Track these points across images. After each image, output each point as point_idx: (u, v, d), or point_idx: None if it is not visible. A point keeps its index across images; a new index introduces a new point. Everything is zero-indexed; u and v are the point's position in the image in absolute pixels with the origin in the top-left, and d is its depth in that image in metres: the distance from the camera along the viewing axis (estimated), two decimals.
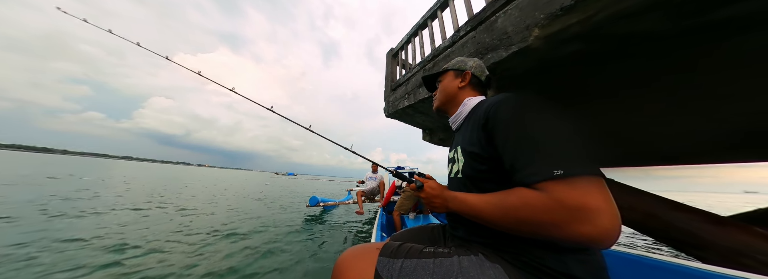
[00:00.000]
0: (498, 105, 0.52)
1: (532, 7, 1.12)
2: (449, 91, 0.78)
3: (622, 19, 0.89)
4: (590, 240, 0.36)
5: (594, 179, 0.39)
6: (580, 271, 0.45)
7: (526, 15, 1.15)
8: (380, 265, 0.55)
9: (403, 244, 0.60)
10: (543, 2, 1.07)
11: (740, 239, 1.07)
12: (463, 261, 0.52)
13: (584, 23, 0.96)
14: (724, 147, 1.93)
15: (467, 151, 0.59)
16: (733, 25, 0.87)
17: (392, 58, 2.86)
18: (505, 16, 1.28)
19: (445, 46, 1.79)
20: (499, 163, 0.50)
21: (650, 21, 0.89)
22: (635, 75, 1.24)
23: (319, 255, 2.43)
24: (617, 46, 1.06)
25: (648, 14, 0.85)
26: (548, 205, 0.38)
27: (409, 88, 2.27)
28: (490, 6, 1.40)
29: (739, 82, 1.15)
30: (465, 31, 1.59)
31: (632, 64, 1.16)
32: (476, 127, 0.57)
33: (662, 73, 1.20)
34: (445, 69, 0.83)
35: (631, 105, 1.54)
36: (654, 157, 2.55)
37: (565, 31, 1.03)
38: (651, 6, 0.82)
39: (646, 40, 0.98)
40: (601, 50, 1.10)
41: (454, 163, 0.65)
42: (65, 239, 2.34)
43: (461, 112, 0.72)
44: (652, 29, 0.92)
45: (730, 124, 1.52)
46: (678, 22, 0.88)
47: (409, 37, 2.51)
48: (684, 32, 0.92)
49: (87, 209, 3.74)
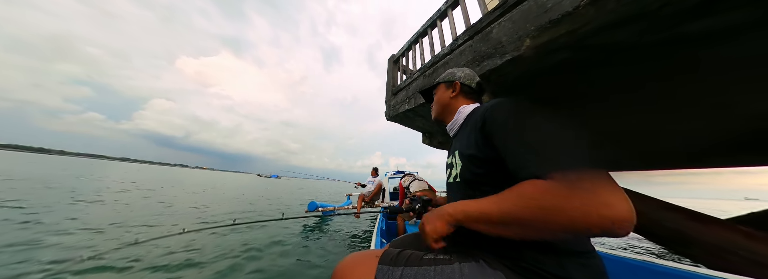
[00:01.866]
0: (495, 108, 0.54)
1: (523, 20, 1.21)
2: (443, 102, 0.83)
3: (602, 31, 0.99)
4: (613, 223, 0.34)
5: (600, 171, 0.40)
6: (580, 275, 0.46)
7: (518, 27, 1.24)
8: (380, 274, 0.53)
9: (403, 251, 0.59)
10: (533, 15, 1.16)
11: (725, 237, 1.13)
12: (464, 268, 0.51)
13: (571, 35, 1.05)
14: (721, 151, 1.95)
15: (465, 154, 0.60)
16: (702, 39, 0.96)
17: (393, 64, 2.97)
18: (499, 27, 1.38)
19: (444, 54, 1.89)
20: (496, 165, 0.50)
21: (627, 33, 0.98)
22: (622, 81, 1.33)
23: (315, 260, 2.39)
24: (602, 56, 1.15)
25: (624, 27, 0.95)
26: (568, 189, 0.37)
27: (410, 93, 2.36)
28: (486, 17, 1.50)
29: (716, 89, 1.24)
30: (463, 40, 1.69)
31: (617, 71, 1.25)
32: (473, 130, 0.58)
33: (646, 79, 1.29)
34: (437, 82, 0.88)
35: (623, 109, 1.62)
36: (652, 161, 2.59)
37: (554, 42, 1.12)
38: (624, 21, 0.92)
39: (626, 50, 1.07)
40: (587, 59, 1.19)
41: (453, 167, 0.67)
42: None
43: (457, 120, 0.76)
44: (629, 40, 1.02)
45: (723, 129, 1.57)
46: (651, 35, 0.98)
47: (409, 45, 2.62)
48: (660, 43, 1.02)
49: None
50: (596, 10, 0.95)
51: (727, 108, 1.39)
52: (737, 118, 1.45)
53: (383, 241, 1.94)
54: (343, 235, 3.61)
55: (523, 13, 1.24)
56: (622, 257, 0.85)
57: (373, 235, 1.94)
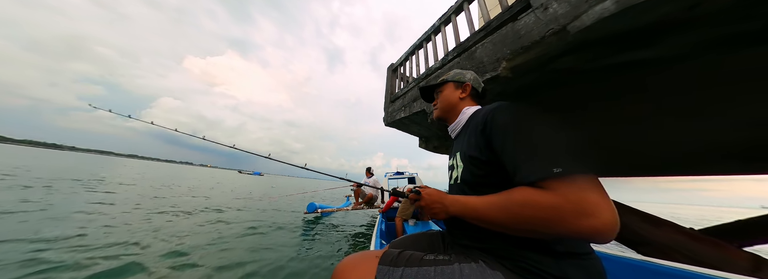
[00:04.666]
0: (496, 111, 0.55)
1: (501, 44, 1.37)
2: (451, 101, 0.80)
3: (552, 59, 1.15)
4: (595, 232, 0.36)
5: (590, 177, 0.41)
6: (579, 275, 0.46)
7: (497, 49, 1.39)
8: (380, 274, 0.54)
9: (403, 252, 0.59)
10: (510, 40, 1.32)
11: (672, 238, 1.27)
12: (464, 268, 0.52)
13: (538, 60, 1.21)
14: (735, 157, 1.87)
15: (467, 155, 0.60)
16: (627, 66, 1.14)
17: (392, 73, 3.14)
18: (482, 48, 1.53)
19: (436, 67, 2.05)
20: (496, 167, 0.51)
21: (570, 61, 1.17)
22: (584, 97, 1.47)
23: (315, 260, 2.39)
24: (563, 77, 1.31)
25: (564, 58, 1.14)
26: (553, 200, 0.39)
27: (406, 102, 2.52)
28: (473, 37, 1.66)
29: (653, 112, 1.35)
30: (452, 56, 1.84)
31: (576, 89, 1.41)
32: (475, 132, 0.59)
33: (593, 98, 1.45)
34: (444, 80, 0.85)
35: (612, 117, 1.69)
36: (661, 167, 2.42)
37: (525, 65, 1.27)
38: (563, 53, 1.12)
39: (577, 73, 1.24)
40: (554, 80, 1.34)
41: (454, 169, 0.67)
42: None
43: (460, 121, 0.75)
44: (575, 66, 1.20)
45: (730, 137, 1.53)
46: (587, 64, 1.16)
47: (407, 56, 2.78)
48: (600, 69, 1.18)
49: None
50: (557, 39, 1.11)
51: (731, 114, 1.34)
52: (742, 125, 1.40)
53: (383, 242, 1.94)
54: (342, 235, 3.62)
55: (501, 36, 1.39)
56: (622, 257, 0.85)
57: (373, 236, 1.95)
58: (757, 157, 1.78)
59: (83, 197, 4.47)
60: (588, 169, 0.41)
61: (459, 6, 1.92)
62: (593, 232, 0.36)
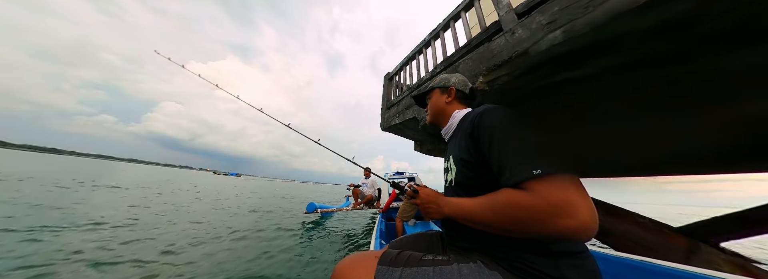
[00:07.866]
0: (482, 115, 0.57)
1: (479, 61, 1.58)
2: (438, 107, 0.84)
3: (519, 77, 1.38)
4: (573, 232, 0.38)
5: (569, 177, 0.42)
6: (574, 274, 0.47)
7: (475, 66, 1.61)
8: (379, 274, 0.55)
9: (402, 252, 0.60)
10: (486, 58, 1.53)
11: (630, 229, 1.44)
12: (463, 268, 0.52)
13: (508, 76, 1.42)
14: (739, 155, 1.80)
15: (458, 158, 0.62)
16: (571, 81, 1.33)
17: (388, 81, 3.36)
18: (464, 64, 1.74)
19: (426, 78, 2.26)
20: (486, 169, 0.53)
21: (528, 79, 1.38)
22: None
23: (315, 260, 2.40)
24: (531, 91, 1.52)
25: (524, 77, 1.35)
26: (532, 201, 0.41)
27: (400, 109, 2.73)
28: (457, 53, 1.88)
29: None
30: (440, 69, 2.06)
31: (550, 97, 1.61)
32: (464, 135, 0.61)
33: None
34: (431, 87, 0.89)
35: (597, 116, 1.75)
36: (661, 167, 2.36)
37: (499, 80, 1.48)
38: (522, 74, 1.34)
39: (543, 88, 1.44)
40: (522, 92, 1.55)
41: (448, 172, 0.69)
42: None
43: (452, 124, 0.78)
44: (538, 80, 1.40)
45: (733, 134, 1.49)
46: (539, 81, 1.37)
47: (402, 66, 3.01)
48: (551, 85, 1.39)
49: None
50: (523, 60, 1.32)
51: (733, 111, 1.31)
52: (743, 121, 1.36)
53: (382, 243, 1.95)
54: (342, 235, 3.69)
55: (480, 54, 1.61)
56: (621, 257, 0.85)
57: (372, 236, 1.96)
58: (762, 155, 1.57)
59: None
60: (568, 169, 0.43)
61: (446, 24, 2.14)
62: (571, 231, 0.38)
